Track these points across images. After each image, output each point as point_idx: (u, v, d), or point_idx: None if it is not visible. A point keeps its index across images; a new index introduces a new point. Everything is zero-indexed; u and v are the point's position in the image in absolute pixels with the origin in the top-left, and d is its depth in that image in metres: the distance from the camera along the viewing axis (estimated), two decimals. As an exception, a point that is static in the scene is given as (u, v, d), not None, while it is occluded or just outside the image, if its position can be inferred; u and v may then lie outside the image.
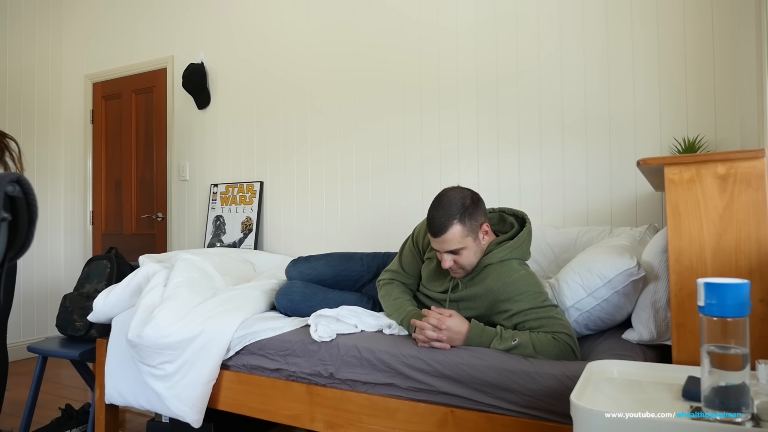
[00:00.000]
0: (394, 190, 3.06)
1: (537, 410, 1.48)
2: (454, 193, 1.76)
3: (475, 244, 1.76)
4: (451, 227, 1.70)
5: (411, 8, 3.00)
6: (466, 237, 1.72)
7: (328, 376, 1.81)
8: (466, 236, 1.72)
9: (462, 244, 1.72)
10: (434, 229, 1.73)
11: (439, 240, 1.73)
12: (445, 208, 1.72)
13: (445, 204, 1.73)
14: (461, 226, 1.71)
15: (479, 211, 1.77)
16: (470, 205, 1.74)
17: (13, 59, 4.16)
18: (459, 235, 1.71)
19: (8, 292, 2.23)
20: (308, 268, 2.31)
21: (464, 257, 1.75)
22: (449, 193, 1.77)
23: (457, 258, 1.75)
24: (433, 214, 1.74)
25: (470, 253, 1.76)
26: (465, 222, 1.72)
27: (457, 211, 1.71)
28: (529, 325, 1.68)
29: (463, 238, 1.72)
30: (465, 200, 1.74)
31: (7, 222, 0.84)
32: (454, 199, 1.74)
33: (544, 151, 2.65)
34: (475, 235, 1.75)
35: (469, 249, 1.75)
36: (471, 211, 1.74)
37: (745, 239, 1.33)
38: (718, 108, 2.31)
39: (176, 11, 3.93)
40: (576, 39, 2.58)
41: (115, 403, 2.28)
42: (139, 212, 4.11)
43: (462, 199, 1.74)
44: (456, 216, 1.71)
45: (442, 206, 1.73)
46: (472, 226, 1.73)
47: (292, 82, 3.41)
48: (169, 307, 2.12)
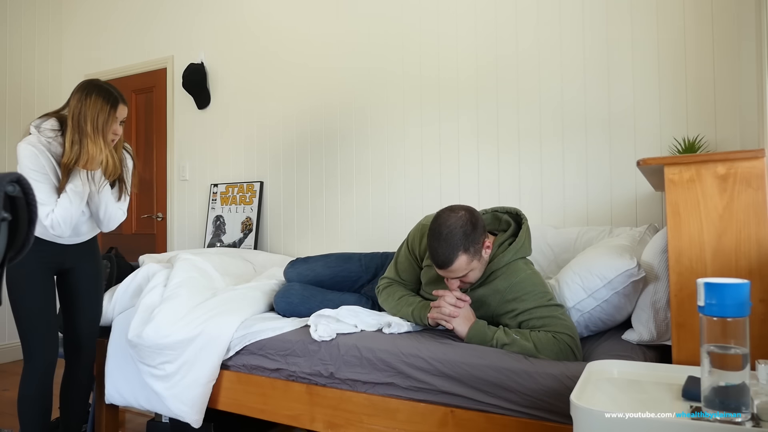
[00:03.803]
0: (394, 190, 3.06)
1: (537, 410, 1.48)
2: (452, 221, 1.70)
3: (480, 263, 1.77)
4: (456, 259, 1.69)
5: (402, 10, 3.00)
6: (471, 262, 1.72)
7: (328, 376, 1.81)
8: (471, 261, 1.72)
9: (469, 269, 1.73)
10: (440, 262, 1.70)
11: (445, 272, 1.74)
12: (448, 240, 1.68)
13: (447, 236, 1.68)
14: (466, 255, 1.69)
15: (479, 232, 1.73)
16: (471, 231, 1.69)
17: (14, 59, 4.16)
18: (465, 264, 1.71)
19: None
20: (306, 270, 2.31)
21: (471, 277, 1.77)
22: (447, 221, 1.71)
23: (464, 278, 1.77)
24: (435, 247, 1.70)
25: (476, 272, 1.78)
26: (469, 250, 1.69)
27: (460, 242, 1.68)
28: (533, 323, 1.69)
29: (469, 264, 1.72)
30: (465, 227, 1.69)
31: (7, 222, 0.84)
32: (454, 228, 1.68)
33: (544, 151, 2.65)
34: (479, 255, 1.75)
35: (475, 270, 1.76)
36: (473, 236, 1.70)
37: (745, 239, 1.33)
38: (718, 108, 2.31)
39: (176, 11, 3.93)
40: (576, 39, 2.58)
41: (115, 403, 2.28)
42: (139, 212, 4.10)
43: (462, 227, 1.69)
44: (460, 247, 1.68)
45: (444, 239, 1.68)
46: (476, 249, 1.72)
47: (291, 81, 3.41)
48: (169, 307, 2.12)
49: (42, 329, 2.00)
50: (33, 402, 1.99)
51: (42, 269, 2.01)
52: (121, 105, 2.00)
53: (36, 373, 1.99)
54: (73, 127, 1.93)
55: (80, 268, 2.14)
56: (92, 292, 2.18)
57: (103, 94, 1.96)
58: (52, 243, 2.03)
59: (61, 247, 2.06)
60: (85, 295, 2.15)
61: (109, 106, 1.95)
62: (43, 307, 2.00)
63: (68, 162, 1.92)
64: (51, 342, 2.02)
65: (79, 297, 2.14)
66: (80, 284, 2.14)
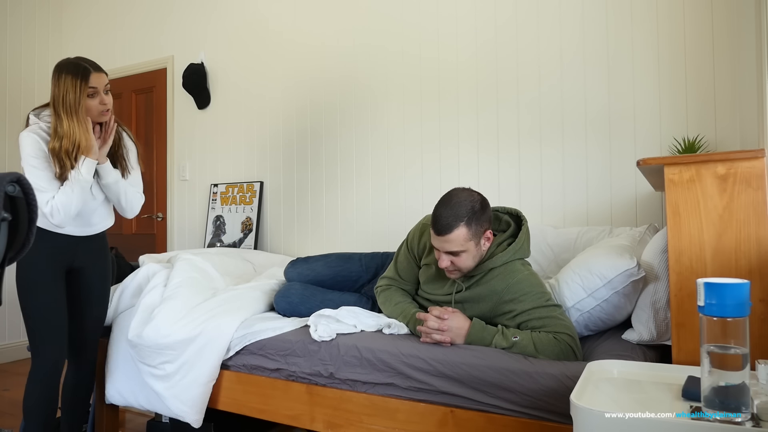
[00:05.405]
0: (393, 190, 3.06)
1: (537, 410, 1.48)
2: (464, 195, 1.74)
3: (475, 248, 1.74)
4: (456, 229, 1.69)
5: (402, 9, 3.00)
6: (468, 241, 1.71)
7: (328, 376, 1.81)
8: (469, 240, 1.71)
9: (463, 247, 1.71)
10: (439, 227, 1.70)
11: (441, 239, 1.71)
12: (454, 208, 1.70)
13: (454, 204, 1.71)
14: (467, 229, 1.69)
15: (485, 218, 1.75)
16: (479, 210, 1.72)
17: (14, 59, 4.16)
18: (462, 238, 1.70)
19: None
20: (307, 269, 2.31)
21: (462, 260, 1.74)
22: (459, 194, 1.75)
23: (455, 260, 1.74)
24: (440, 212, 1.71)
25: (469, 257, 1.74)
26: (471, 226, 1.70)
27: (465, 214, 1.69)
28: (532, 324, 1.69)
29: (466, 241, 1.70)
30: (474, 204, 1.72)
31: (7, 222, 0.84)
32: (463, 200, 1.71)
33: (544, 151, 2.65)
34: (478, 240, 1.74)
35: (469, 253, 1.73)
36: (479, 216, 1.72)
37: (745, 239, 1.33)
38: (718, 108, 2.31)
39: (176, 11, 3.93)
40: (576, 39, 2.58)
41: (115, 403, 2.28)
42: (139, 212, 4.10)
43: (471, 203, 1.71)
44: (463, 218, 1.69)
45: (450, 206, 1.71)
46: (476, 231, 1.72)
47: (291, 82, 3.41)
48: (169, 307, 2.12)
49: (51, 328, 1.97)
50: (39, 400, 1.98)
51: (53, 266, 1.99)
52: (93, 74, 1.94)
53: (43, 371, 1.97)
54: (54, 114, 1.92)
55: (91, 268, 2.11)
56: (101, 293, 2.16)
57: (72, 70, 1.92)
58: (65, 236, 2.00)
59: (73, 241, 2.03)
60: (93, 295, 2.14)
61: (79, 80, 1.91)
62: (53, 306, 1.98)
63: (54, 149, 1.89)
64: (59, 341, 2.00)
65: (88, 297, 2.12)
66: (90, 285, 2.12)
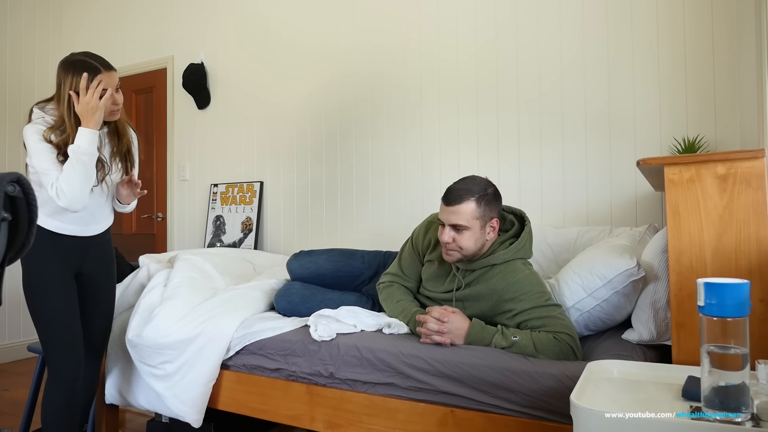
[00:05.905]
0: (393, 190, 3.06)
1: (537, 410, 1.48)
2: (481, 178, 1.83)
3: (480, 231, 1.77)
4: (466, 201, 1.74)
5: (402, 9, 3.00)
6: (475, 219, 1.75)
7: (328, 376, 1.81)
8: (476, 218, 1.75)
9: (469, 223, 1.74)
10: (450, 197, 1.76)
11: (450, 209, 1.76)
12: (468, 183, 1.78)
13: (470, 181, 1.80)
14: (476, 205, 1.75)
15: (496, 205, 1.81)
16: (491, 194, 1.79)
17: (14, 59, 4.16)
18: (470, 213, 1.74)
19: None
20: (309, 262, 2.31)
21: (464, 238, 1.76)
22: (477, 177, 1.84)
23: (456, 236, 1.76)
24: (454, 185, 1.79)
25: (471, 238, 1.76)
26: (481, 204, 1.75)
27: (479, 191, 1.76)
28: (532, 324, 1.69)
29: (473, 218, 1.74)
30: (489, 188, 1.80)
31: (7, 222, 0.84)
32: (479, 181, 1.80)
33: (544, 151, 2.65)
34: (484, 222, 1.77)
35: (472, 232, 1.75)
36: (490, 199, 1.78)
37: (745, 239, 1.33)
38: (718, 108, 2.31)
39: (176, 11, 3.93)
40: (576, 39, 2.58)
41: (115, 403, 2.28)
42: (139, 212, 4.10)
43: (486, 186, 1.80)
44: (476, 194, 1.75)
45: (466, 181, 1.80)
46: (485, 212, 1.76)
47: (291, 82, 3.41)
48: (169, 307, 2.12)
49: (66, 336, 1.87)
50: (58, 414, 1.87)
51: (63, 272, 1.91)
52: (104, 73, 1.87)
53: (61, 383, 1.86)
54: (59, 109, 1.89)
55: (99, 275, 2.05)
56: (107, 301, 2.11)
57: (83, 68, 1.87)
58: (72, 237, 1.93)
59: (81, 242, 1.96)
60: (101, 303, 2.08)
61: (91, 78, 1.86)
62: (66, 312, 1.89)
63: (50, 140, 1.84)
64: (76, 349, 1.89)
65: (95, 304, 2.06)
66: (98, 292, 2.06)
